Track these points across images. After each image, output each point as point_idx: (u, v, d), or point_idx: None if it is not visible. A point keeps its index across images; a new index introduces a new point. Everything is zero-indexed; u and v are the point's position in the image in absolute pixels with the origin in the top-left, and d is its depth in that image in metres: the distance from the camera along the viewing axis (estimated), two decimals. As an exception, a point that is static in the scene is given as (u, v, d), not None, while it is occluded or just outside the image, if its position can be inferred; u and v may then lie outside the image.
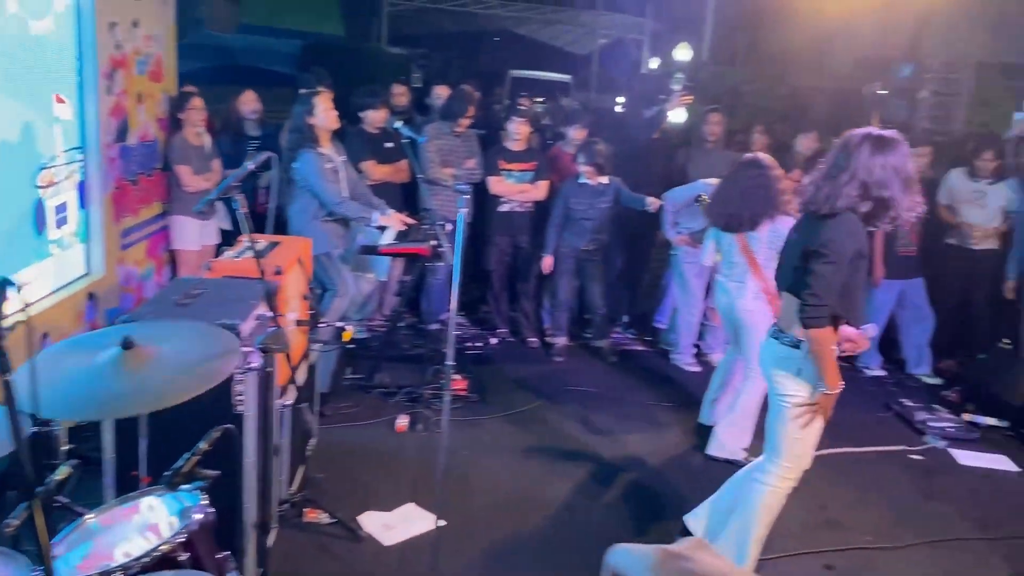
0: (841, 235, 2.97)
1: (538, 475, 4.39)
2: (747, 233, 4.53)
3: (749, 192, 4.45)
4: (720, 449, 4.67)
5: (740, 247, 4.56)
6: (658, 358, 6.38)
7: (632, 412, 5.33)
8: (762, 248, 4.52)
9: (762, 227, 4.48)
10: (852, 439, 5.08)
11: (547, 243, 6.02)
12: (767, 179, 4.44)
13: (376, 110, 5.98)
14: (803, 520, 4.11)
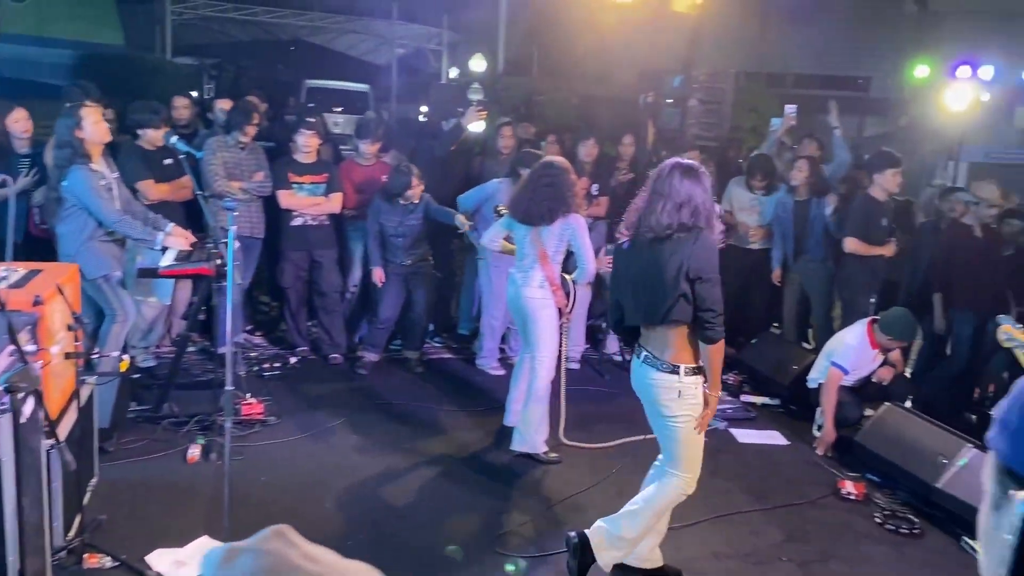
0: (708, 255, 3.27)
1: (342, 493, 4.30)
2: (540, 228, 4.70)
3: (546, 190, 4.63)
4: (521, 444, 4.79)
5: (532, 238, 4.72)
6: (465, 365, 6.45)
7: (438, 420, 5.36)
8: (552, 241, 4.70)
9: (556, 222, 4.66)
10: (645, 427, 5.33)
11: (372, 257, 5.97)
12: (562, 179, 4.66)
13: (155, 128, 5.60)
14: (604, 510, 4.28)
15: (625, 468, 4.76)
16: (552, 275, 4.71)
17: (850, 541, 4.18)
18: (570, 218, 4.65)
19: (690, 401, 3.40)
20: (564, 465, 4.83)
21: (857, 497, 4.59)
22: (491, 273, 6.02)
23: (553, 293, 4.73)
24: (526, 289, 4.73)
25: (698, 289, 3.26)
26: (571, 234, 4.67)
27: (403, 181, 5.82)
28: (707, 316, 3.28)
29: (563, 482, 4.63)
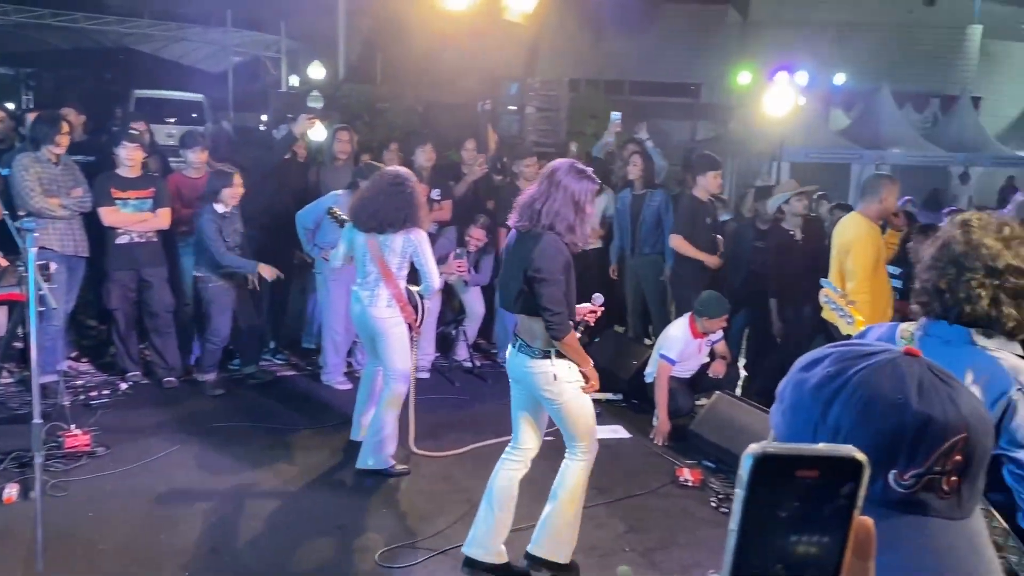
0: (550, 255, 3.36)
1: (180, 524, 4.10)
2: (381, 242, 4.61)
3: (388, 200, 4.56)
4: (368, 460, 4.72)
5: (373, 255, 4.64)
6: (310, 380, 6.30)
7: (282, 440, 5.21)
8: (394, 257, 4.64)
9: (397, 236, 4.60)
10: (495, 431, 5.43)
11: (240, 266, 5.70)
12: (406, 190, 4.59)
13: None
14: (452, 518, 4.30)
15: (475, 474, 4.79)
16: (398, 292, 4.65)
17: (689, 527, 4.38)
18: (412, 233, 4.60)
19: (567, 381, 3.53)
20: (415, 475, 4.80)
21: (694, 483, 4.81)
22: (330, 286, 5.91)
23: (401, 310, 4.68)
24: (373, 308, 4.64)
25: (535, 287, 3.37)
26: (413, 250, 4.63)
27: (220, 182, 5.59)
28: (545, 315, 3.40)
29: (415, 492, 4.61)
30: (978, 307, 1.99)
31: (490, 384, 6.48)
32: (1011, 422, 1.93)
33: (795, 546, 0.63)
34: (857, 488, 0.63)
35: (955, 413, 0.92)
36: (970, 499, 0.92)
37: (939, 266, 2.06)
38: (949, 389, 0.94)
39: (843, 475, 0.63)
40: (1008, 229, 2.04)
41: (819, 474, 0.63)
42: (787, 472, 0.63)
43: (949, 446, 0.91)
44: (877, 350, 0.96)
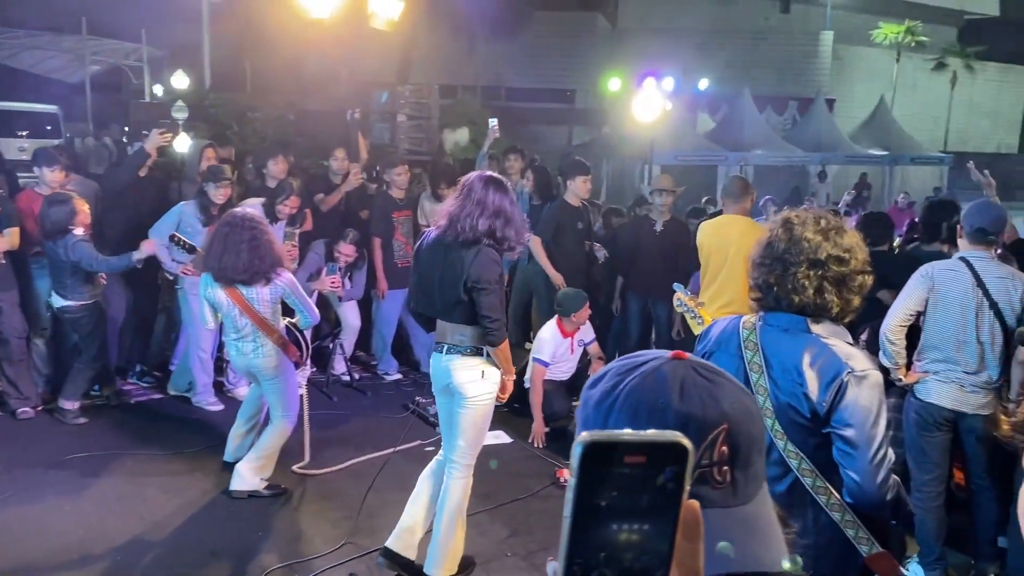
0: (487, 266, 3.46)
1: (36, 565, 3.85)
2: (246, 294, 4.43)
3: (246, 251, 4.34)
4: (241, 483, 4.58)
5: (241, 308, 4.44)
6: (180, 403, 6.05)
7: (149, 466, 4.98)
8: (265, 307, 4.49)
9: (263, 288, 4.45)
10: (375, 445, 5.37)
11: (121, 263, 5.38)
12: (261, 236, 4.40)
13: None
14: (331, 536, 4.22)
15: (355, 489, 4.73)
16: (280, 339, 4.54)
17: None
18: (277, 280, 4.47)
19: (491, 382, 3.65)
20: (292, 494, 4.69)
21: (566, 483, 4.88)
22: (191, 303, 5.69)
23: (287, 353, 4.59)
24: (261, 360, 4.53)
25: (476, 297, 3.47)
26: (284, 294, 4.53)
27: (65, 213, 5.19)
28: (485, 323, 3.51)
29: (292, 512, 4.50)
30: (805, 296, 2.13)
31: (369, 397, 6.41)
32: (841, 403, 2.07)
33: (623, 531, 0.64)
34: (683, 472, 0.65)
35: (715, 408, 0.96)
36: (746, 485, 0.97)
37: (767, 264, 2.20)
38: (710, 385, 0.98)
39: (669, 461, 0.65)
40: (824, 221, 2.19)
41: (646, 459, 0.64)
42: (616, 459, 0.64)
43: (712, 439, 0.95)
44: (647, 359, 1.00)
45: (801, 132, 20.08)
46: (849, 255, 2.13)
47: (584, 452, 0.64)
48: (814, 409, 2.10)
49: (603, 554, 0.64)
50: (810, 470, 2.11)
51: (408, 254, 6.69)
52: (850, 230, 2.21)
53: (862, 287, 2.16)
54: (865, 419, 2.06)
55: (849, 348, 2.13)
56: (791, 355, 2.13)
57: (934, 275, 3.75)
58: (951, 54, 30.13)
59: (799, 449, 2.13)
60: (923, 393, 3.85)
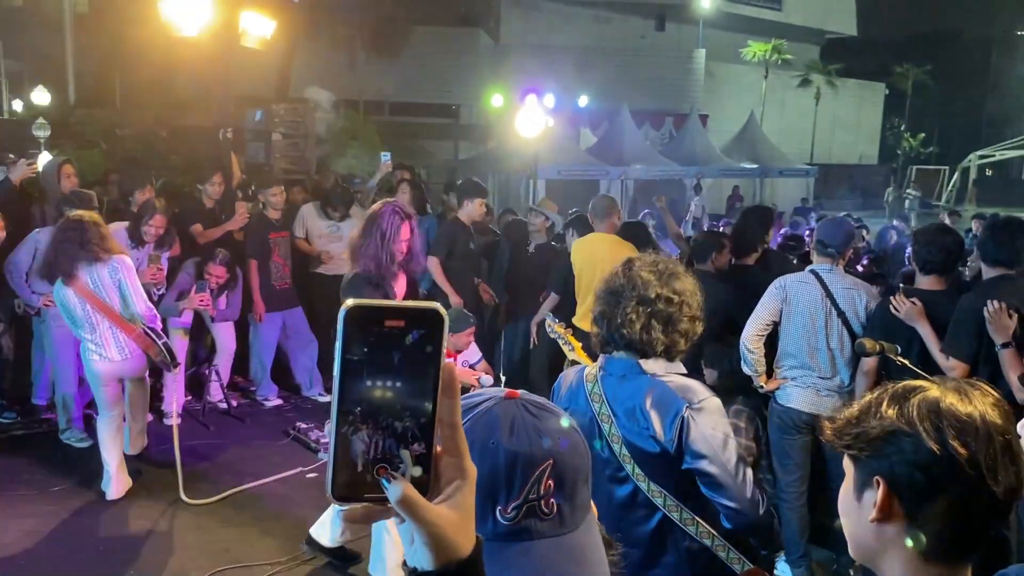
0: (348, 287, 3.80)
1: None
2: (89, 283, 4.43)
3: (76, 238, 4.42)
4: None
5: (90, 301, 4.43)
6: (44, 439, 5.71)
7: (20, 507, 4.69)
8: (110, 290, 4.48)
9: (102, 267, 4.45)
10: (254, 473, 5.23)
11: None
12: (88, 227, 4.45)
13: None
14: (208, 570, 4.09)
15: (232, 521, 4.60)
16: (132, 332, 4.44)
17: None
18: (115, 259, 4.49)
19: None
20: (165, 528, 4.51)
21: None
22: (54, 335, 5.42)
23: (145, 352, 4.51)
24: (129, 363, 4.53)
25: None
26: (119, 278, 4.50)
27: None
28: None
29: (163, 547, 4.33)
30: (632, 331, 2.21)
31: (248, 424, 6.23)
32: (688, 438, 2.14)
33: (384, 389, 0.71)
34: (440, 335, 0.72)
35: (539, 444, 1.02)
36: (572, 514, 1.04)
37: (604, 298, 2.29)
38: (537, 422, 1.04)
39: (426, 326, 0.72)
40: (663, 265, 2.29)
41: (405, 324, 0.71)
42: (377, 323, 0.71)
43: (538, 474, 1.01)
44: (482, 400, 1.06)
45: (677, 147, 20.82)
46: (679, 298, 2.22)
47: (347, 314, 0.71)
48: (664, 448, 2.16)
49: (360, 408, 0.71)
50: (675, 505, 2.19)
51: (286, 275, 6.57)
52: (687, 277, 2.30)
53: (688, 332, 2.24)
54: (715, 447, 2.13)
55: (684, 380, 2.22)
56: (632, 399, 2.21)
57: (787, 286, 3.98)
58: (814, 71, 31.98)
59: (661, 487, 2.20)
60: (783, 398, 4.06)
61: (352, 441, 0.72)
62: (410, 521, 0.73)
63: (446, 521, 0.74)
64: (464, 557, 0.74)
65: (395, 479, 0.72)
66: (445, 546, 0.73)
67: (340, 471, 0.72)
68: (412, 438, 0.72)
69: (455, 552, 0.74)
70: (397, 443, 0.72)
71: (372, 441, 0.72)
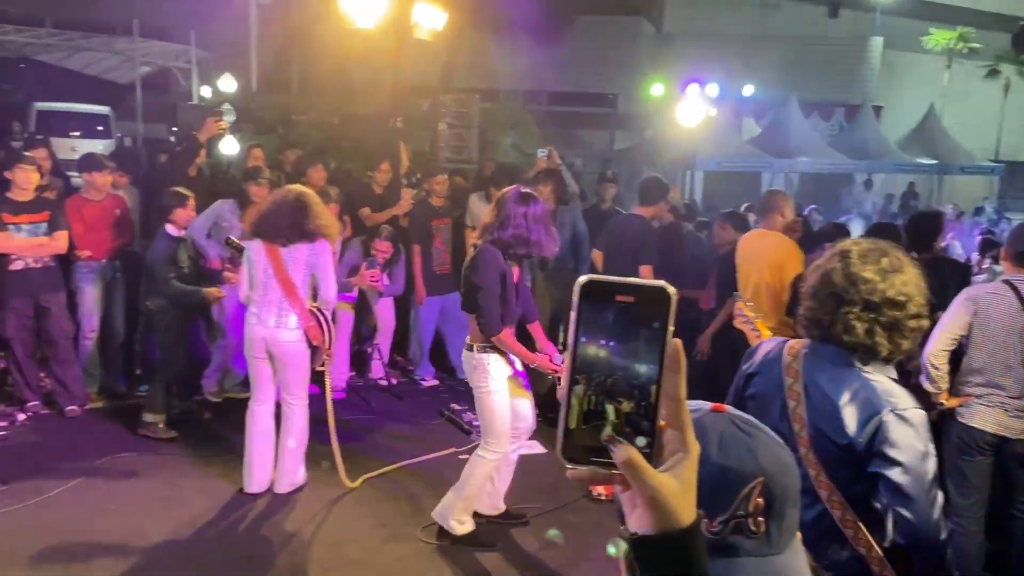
0: (484, 266, 3.90)
1: (80, 561, 3.96)
2: (284, 255, 4.54)
3: (295, 212, 4.53)
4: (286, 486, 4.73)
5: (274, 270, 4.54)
6: (215, 406, 6.13)
7: (191, 469, 5.07)
8: (299, 271, 4.56)
9: (302, 247, 4.55)
10: (411, 450, 5.42)
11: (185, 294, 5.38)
12: (311, 204, 4.57)
13: None
14: (365, 543, 4.27)
15: (392, 496, 4.78)
16: (304, 311, 4.59)
17: (602, 541, 4.43)
18: (317, 244, 4.59)
19: (484, 374, 4.02)
20: (330, 502, 4.74)
21: (607, 497, 4.88)
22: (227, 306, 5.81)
23: (308, 332, 4.59)
24: (282, 331, 4.55)
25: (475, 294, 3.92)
26: (315, 261, 4.60)
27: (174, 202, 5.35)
28: (477, 316, 3.94)
29: (330, 520, 4.55)
30: (854, 337, 2.07)
31: (405, 403, 6.46)
32: (882, 442, 2.02)
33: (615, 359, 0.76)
34: (667, 314, 0.76)
35: (752, 461, 1.01)
36: (779, 536, 1.01)
37: (820, 297, 2.14)
38: (748, 439, 1.03)
39: (654, 302, 0.76)
40: (886, 261, 2.11)
41: (634, 300, 0.76)
42: (609, 297, 0.76)
43: (748, 491, 1.00)
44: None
45: (847, 139, 19.76)
46: (906, 299, 2.06)
47: (582, 288, 0.76)
48: (850, 444, 2.05)
49: (589, 376, 0.76)
50: (840, 502, 2.08)
51: (446, 261, 6.75)
52: (910, 268, 2.12)
53: (915, 331, 2.10)
54: (913, 458, 2.00)
55: (892, 385, 2.08)
56: (832, 387, 2.09)
57: (978, 299, 3.69)
58: (1004, 61, 29.43)
59: (831, 480, 2.10)
60: (966, 416, 3.78)
61: (581, 406, 0.77)
62: (634, 484, 0.76)
63: (669, 489, 0.76)
64: (685, 526, 0.76)
65: (621, 444, 0.75)
66: (667, 513, 0.76)
67: (568, 434, 0.77)
68: (637, 408, 0.76)
69: (676, 520, 0.76)
70: (623, 411, 0.76)
71: (600, 408, 0.76)
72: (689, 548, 0.76)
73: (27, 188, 5.43)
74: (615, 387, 0.76)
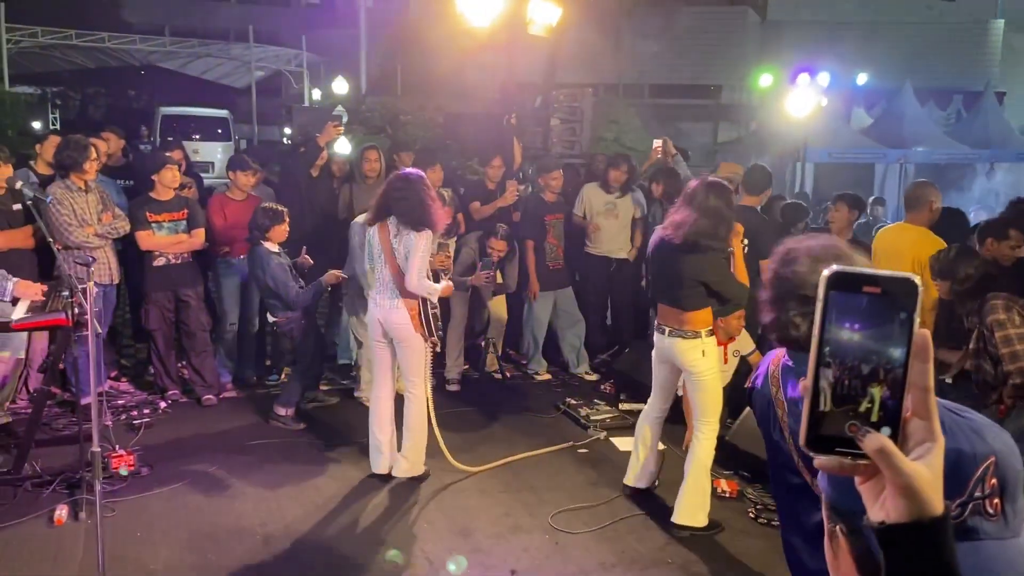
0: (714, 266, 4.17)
1: (227, 542, 4.17)
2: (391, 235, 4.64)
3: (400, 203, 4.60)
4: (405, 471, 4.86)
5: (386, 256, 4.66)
6: (348, 397, 6.34)
7: (322, 455, 5.26)
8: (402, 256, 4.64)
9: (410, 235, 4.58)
10: (527, 444, 5.48)
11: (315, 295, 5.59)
12: (420, 188, 4.59)
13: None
14: (491, 532, 4.35)
15: (510, 487, 4.85)
16: (413, 307, 4.66)
17: (728, 538, 4.39)
18: (412, 234, 4.59)
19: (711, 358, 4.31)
20: (453, 490, 4.84)
21: (731, 495, 4.82)
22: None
23: (412, 319, 4.68)
24: (395, 313, 4.68)
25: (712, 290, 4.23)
26: (409, 247, 4.59)
27: (270, 220, 5.41)
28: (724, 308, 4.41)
29: (452, 508, 4.65)
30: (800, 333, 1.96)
31: (520, 396, 6.53)
32: None
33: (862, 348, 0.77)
34: (915, 304, 0.77)
35: (981, 443, 1.03)
36: (1015, 517, 1.02)
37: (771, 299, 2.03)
38: (968, 422, 1.05)
39: (901, 293, 0.77)
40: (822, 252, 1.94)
41: (881, 290, 0.77)
42: (856, 287, 0.77)
43: (982, 472, 1.01)
44: None
45: (967, 128, 18.79)
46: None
47: (829, 278, 0.78)
48: None
49: (836, 365, 0.77)
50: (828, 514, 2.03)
51: (559, 256, 6.79)
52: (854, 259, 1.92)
53: None
54: None
55: None
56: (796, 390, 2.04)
57: None
58: None
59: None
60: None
61: (828, 395, 0.77)
62: (888, 472, 0.76)
63: (923, 477, 0.75)
64: (937, 514, 0.75)
65: (870, 432, 0.76)
66: (920, 500, 0.75)
67: (815, 423, 0.78)
68: (889, 396, 0.77)
69: (929, 508, 0.75)
70: (870, 399, 0.77)
71: (847, 396, 0.77)
72: (943, 536, 0.76)
73: (172, 187, 5.75)
74: (861, 375, 0.77)
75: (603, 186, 7.02)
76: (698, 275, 4.15)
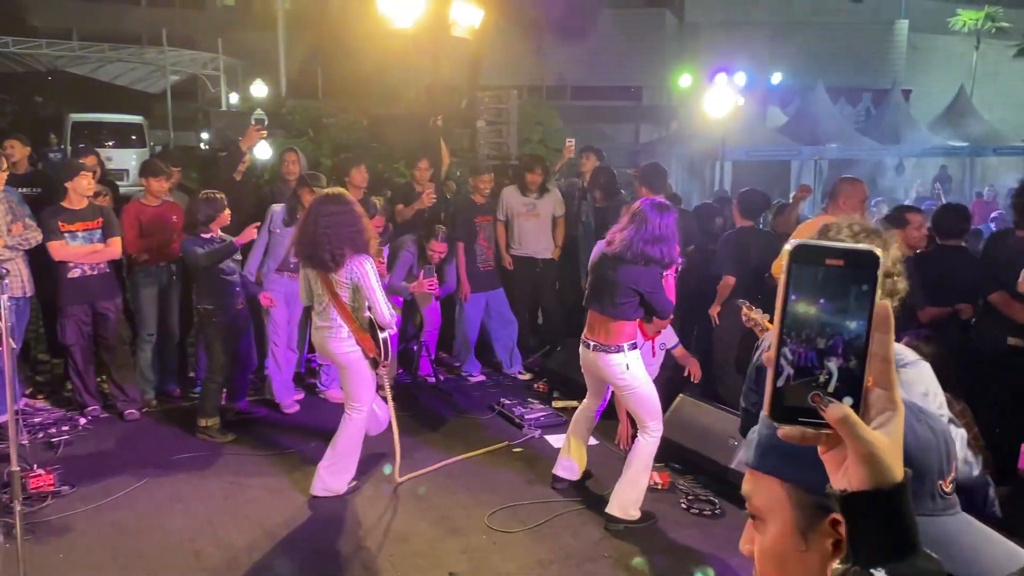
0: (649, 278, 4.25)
1: (151, 560, 4.05)
2: (336, 276, 4.47)
3: (326, 232, 4.39)
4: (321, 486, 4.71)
5: (323, 285, 4.52)
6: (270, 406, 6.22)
7: (252, 467, 5.15)
8: (344, 290, 4.48)
9: (342, 269, 4.43)
10: (464, 445, 5.47)
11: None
12: (345, 218, 4.44)
13: None
14: (429, 536, 4.33)
15: (447, 490, 4.84)
16: (355, 327, 4.51)
17: (662, 529, 4.46)
18: (354, 262, 4.41)
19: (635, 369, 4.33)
20: (386, 497, 4.80)
21: (663, 486, 4.89)
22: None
23: (361, 345, 4.55)
24: (334, 342, 4.54)
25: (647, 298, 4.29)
26: (357, 280, 4.45)
27: (212, 210, 5.36)
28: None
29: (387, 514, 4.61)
30: None
31: (454, 398, 6.51)
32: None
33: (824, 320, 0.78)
34: (875, 276, 0.78)
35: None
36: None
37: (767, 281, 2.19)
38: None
39: (862, 266, 0.78)
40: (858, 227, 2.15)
41: (844, 263, 0.78)
42: (819, 261, 0.78)
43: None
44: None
45: (876, 124, 19.56)
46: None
47: (792, 252, 0.79)
48: None
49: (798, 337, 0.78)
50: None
51: (489, 258, 6.80)
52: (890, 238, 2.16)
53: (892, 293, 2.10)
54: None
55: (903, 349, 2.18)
56: None
57: None
58: (1034, 39, 28.92)
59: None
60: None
61: (790, 367, 0.79)
62: (849, 441, 0.77)
63: (883, 445, 0.77)
64: (898, 481, 0.77)
65: (832, 402, 0.77)
66: (881, 468, 0.77)
67: (779, 394, 0.79)
68: (848, 367, 0.78)
69: (889, 475, 0.77)
70: (831, 371, 0.78)
71: (808, 368, 0.78)
72: (903, 503, 0.78)
73: (86, 195, 5.54)
74: (823, 347, 0.78)
75: (521, 188, 7.05)
76: (633, 284, 4.23)
